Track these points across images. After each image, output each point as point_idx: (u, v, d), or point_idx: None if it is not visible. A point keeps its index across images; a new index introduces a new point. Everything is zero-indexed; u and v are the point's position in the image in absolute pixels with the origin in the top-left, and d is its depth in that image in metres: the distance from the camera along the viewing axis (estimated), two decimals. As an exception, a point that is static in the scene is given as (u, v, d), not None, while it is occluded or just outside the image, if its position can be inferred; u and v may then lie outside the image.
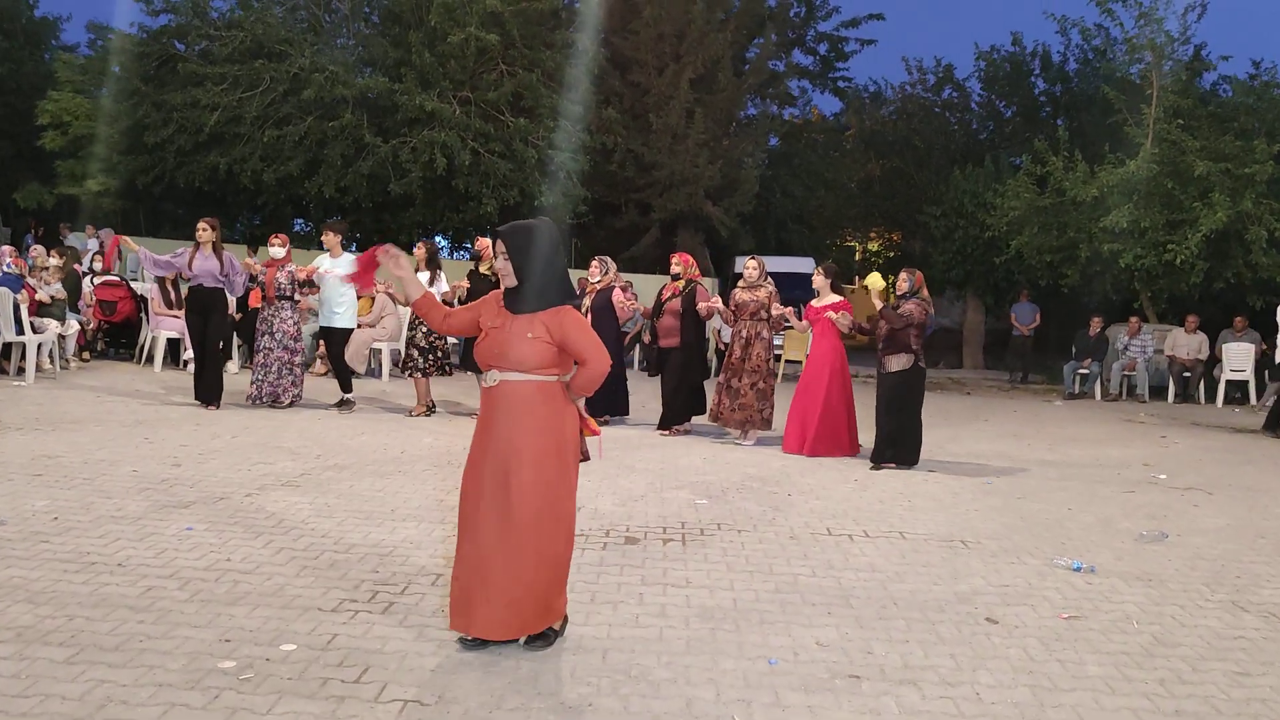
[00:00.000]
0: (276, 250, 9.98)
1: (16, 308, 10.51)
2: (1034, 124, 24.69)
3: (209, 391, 9.56)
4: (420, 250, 10.20)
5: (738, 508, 6.69)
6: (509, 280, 3.98)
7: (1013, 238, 18.54)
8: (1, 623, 4.02)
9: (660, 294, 10.12)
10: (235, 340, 12.67)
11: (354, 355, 11.17)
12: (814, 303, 9.17)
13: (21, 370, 10.85)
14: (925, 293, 8.57)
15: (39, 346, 10.90)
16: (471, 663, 3.87)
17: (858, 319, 9.09)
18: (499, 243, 3.99)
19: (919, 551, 5.81)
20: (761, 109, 25.03)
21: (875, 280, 8.75)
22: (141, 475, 6.69)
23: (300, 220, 25.45)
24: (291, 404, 9.99)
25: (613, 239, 23.07)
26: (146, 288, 12.11)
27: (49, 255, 12.51)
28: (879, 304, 8.50)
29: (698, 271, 10.10)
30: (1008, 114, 27.53)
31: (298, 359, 10.09)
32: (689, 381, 9.83)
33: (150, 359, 12.60)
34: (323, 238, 10.19)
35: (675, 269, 10.02)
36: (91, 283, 13.51)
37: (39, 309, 11.34)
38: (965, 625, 4.59)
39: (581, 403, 4.16)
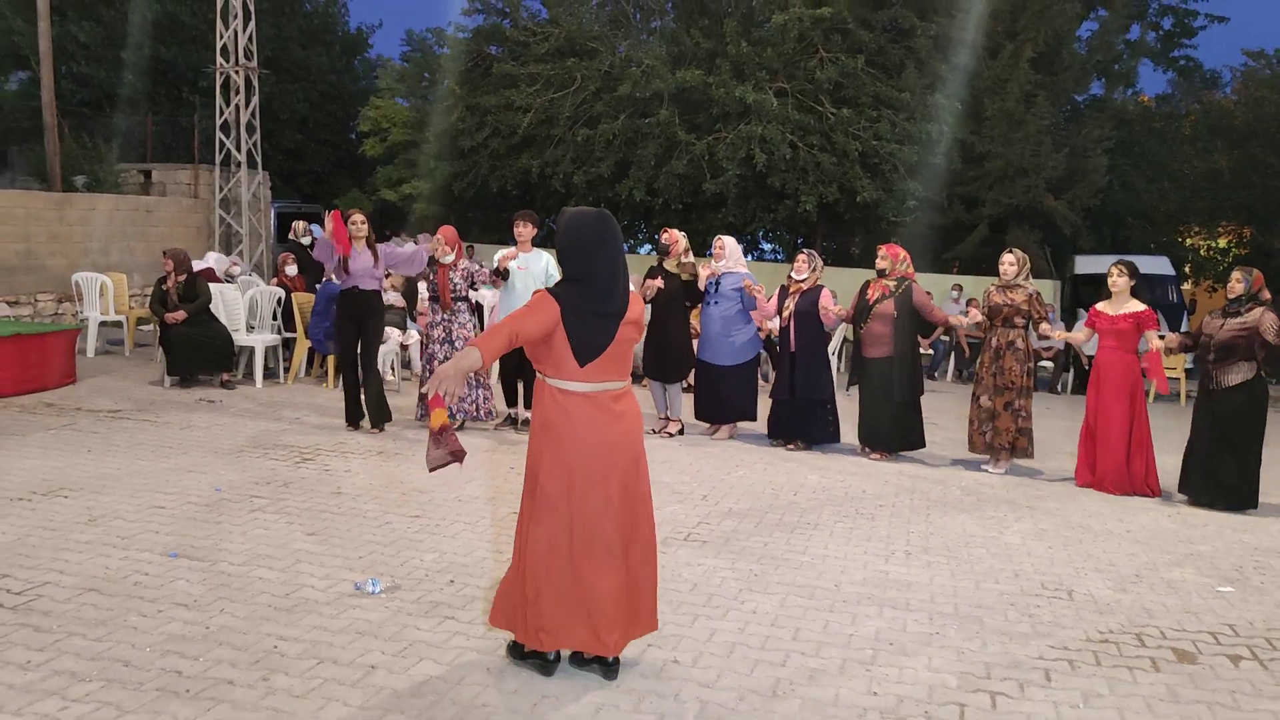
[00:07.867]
0: (446, 255, 8.54)
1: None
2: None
3: (377, 413, 8.27)
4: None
5: (1276, 601, 5.00)
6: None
7: None
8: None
9: (865, 294, 8.24)
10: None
11: None
12: (1104, 308, 7.55)
13: (364, 380, 10.50)
14: (1265, 296, 7.02)
15: (381, 357, 10.51)
16: None
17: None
18: None
19: None
20: (1108, 91, 22.31)
21: None
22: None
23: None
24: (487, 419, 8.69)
25: (933, 237, 21.17)
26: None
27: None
28: None
29: (910, 267, 8.29)
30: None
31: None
32: (904, 399, 8.05)
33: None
34: (516, 229, 8.59)
35: (882, 264, 8.18)
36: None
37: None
38: None
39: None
